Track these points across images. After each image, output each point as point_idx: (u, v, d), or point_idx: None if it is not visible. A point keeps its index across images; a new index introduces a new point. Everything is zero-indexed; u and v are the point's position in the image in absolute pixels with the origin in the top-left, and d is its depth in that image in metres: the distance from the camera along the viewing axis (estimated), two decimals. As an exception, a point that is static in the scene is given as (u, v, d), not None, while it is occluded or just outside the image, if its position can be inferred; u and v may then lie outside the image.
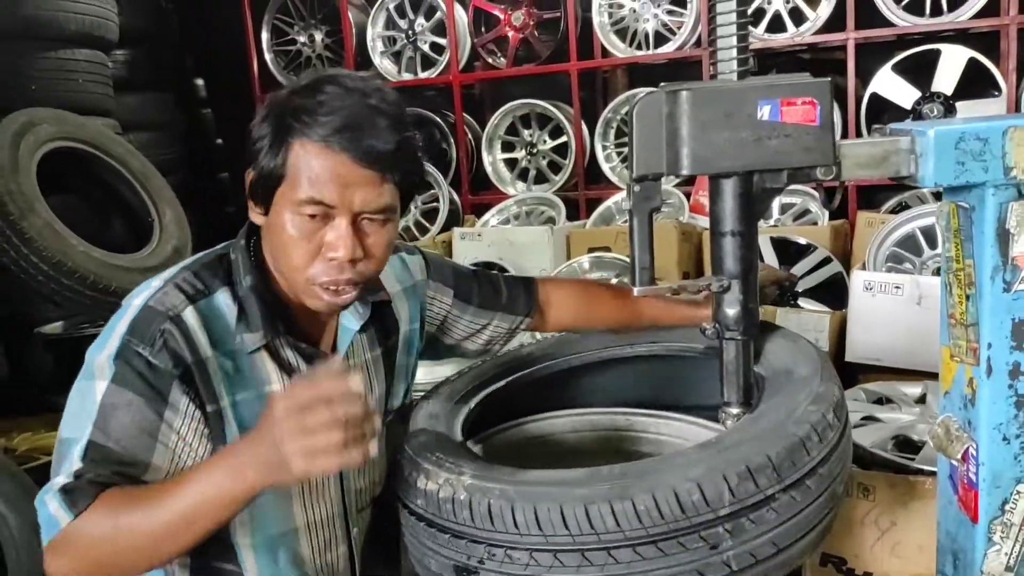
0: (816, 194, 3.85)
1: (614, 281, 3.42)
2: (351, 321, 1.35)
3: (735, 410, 1.41)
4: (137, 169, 2.91)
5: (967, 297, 1.35)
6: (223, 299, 1.25)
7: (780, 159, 1.29)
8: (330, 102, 1.16)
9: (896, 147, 1.33)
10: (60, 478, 1.12)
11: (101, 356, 1.18)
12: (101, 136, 2.87)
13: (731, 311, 1.37)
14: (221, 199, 5.39)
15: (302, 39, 5.02)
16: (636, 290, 1.36)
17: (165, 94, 4.61)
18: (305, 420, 0.98)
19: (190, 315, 1.20)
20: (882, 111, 3.73)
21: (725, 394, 1.42)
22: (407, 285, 1.49)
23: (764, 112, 1.28)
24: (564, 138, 4.48)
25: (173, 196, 3.00)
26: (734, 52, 1.33)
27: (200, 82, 5.43)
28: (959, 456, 1.38)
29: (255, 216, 1.27)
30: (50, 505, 1.11)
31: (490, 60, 4.58)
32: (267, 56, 5.02)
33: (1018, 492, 1.35)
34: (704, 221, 3.44)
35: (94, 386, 1.16)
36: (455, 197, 4.59)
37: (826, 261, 3.23)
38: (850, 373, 2.78)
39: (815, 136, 1.29)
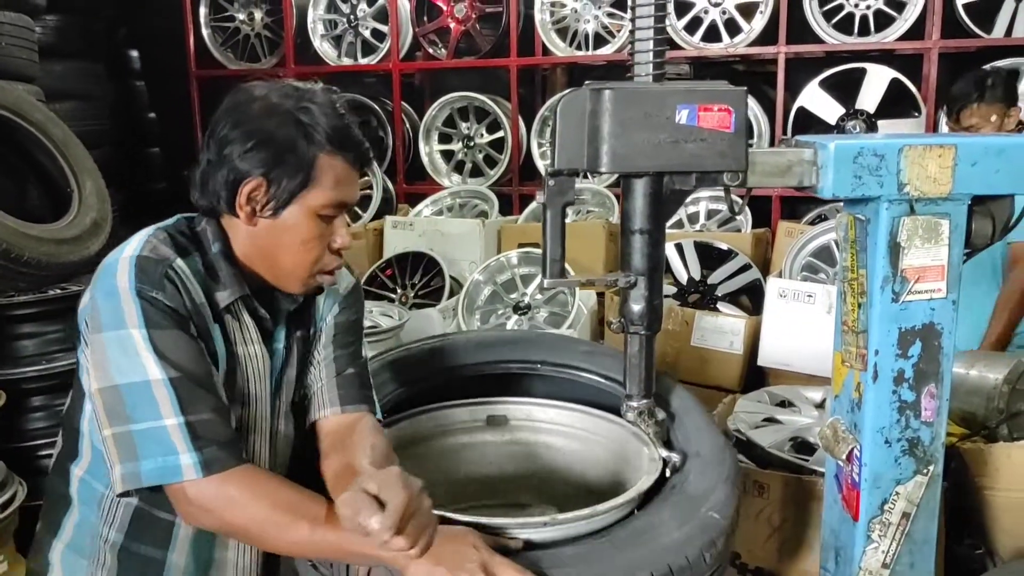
0: (740, 201, 3.95)
1: (539, 281, 3.45)
2: (287, 303, 1.43)
3: (636, 403, 1.45)
4: (58, 138, 2.83)
5: (859, 305, 1.41)
6: (197, 261, 1.33)
7: (695, 162, 1.33)
8: (329, 116, 1.30)
9: (799, 158, 1.38)
10: (170, 420, 1.19)
11: (119, 306, 1.22)
12: (21, 102, 2.78)
13: (636, 307, 1.41)
14: (151, 174, 5.27)
15: (241, 16, 4.94)
16: (547, 281, 1.39)
17: (95, 64, 4.47)
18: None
19: (181, 264, 1.29)
20: (809, 125, 3.85)
21: (627, 387, 1.46)
22: (333, 288, 1.50)
23: (682, 116, 1.32)
24: (501, 133, 4.51)
25: (95, 167, 2.92)
26: (651, 56, 1.37)
27: (134, 54, 5.30)
28: (844, 457, 1.44)
29: (246, 220, 1.31)
30: (182, 458, 1.19)
31: (431, 51, 4.57)
32: (204, 31, 4.94)
33: (896, 493, 1.42)
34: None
35: (131, 333, 1.21)
36: (389, 186, 4.58)
37: (746, 267, 3.32)
38: (761, 376, 2.87)
39: (729, 142, 1.33)
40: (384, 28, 4.59)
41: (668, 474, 1.39)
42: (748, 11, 3.90)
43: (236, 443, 1.25)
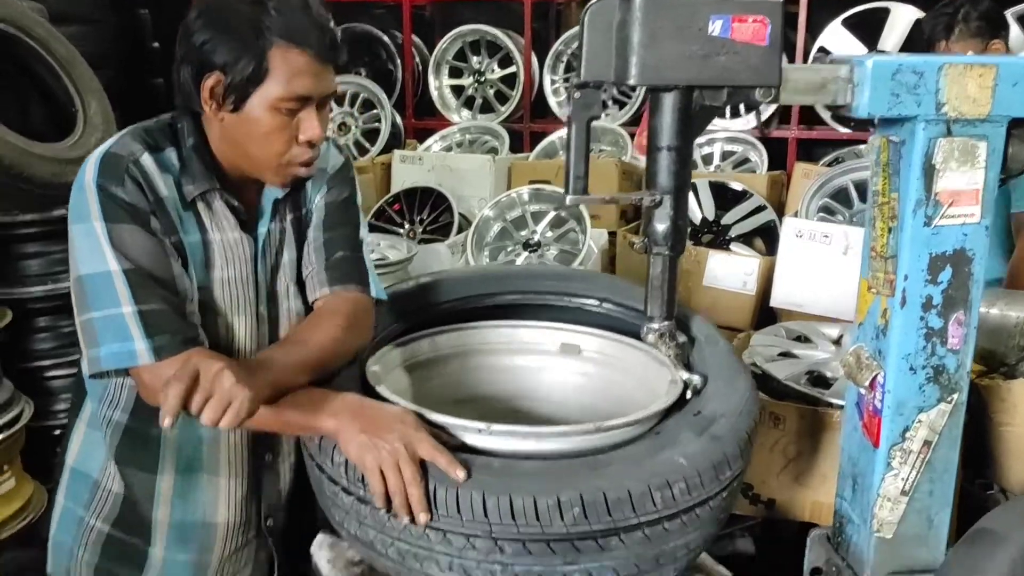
0: (756, 144, 3.89)
1: (552, 215, 3.40)
2: (274, 191, 1.47)
3: (657, 325, 1.42)
4: (62, 55, 2.76)
5: (889, 230, 1.37)
6: (171, 155, 1.39)
7: (727, 76, 1.27)
8: (286, 9, 1.32)
9: (835, 75, 1.33)
10: (126, 308, 1.27)
11: (85, 199, 1.31)
12: (24, 17, 2.71)
13: (661, 226, 1.37)
14: (153, 104, 5.19)
15: (248, -58, 4.81)
16: (569, 199, 1.35)
17: (98, -13, 4.37)
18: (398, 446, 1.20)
19: (148, 160, 1.35)
20: (829, 66, 3.77)
21: (648, 309, 1.42)
22: (320, 167, 1.52)
23: (715, 27, 1.26)
24: (513, 68, 4.42)
25: (100, 88, 2.86)
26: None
27: (138, -21, 5.18)
28: (867, 383, 1.42)
29: (213, 115, 1.36)
30: (137, 344, 1.27)
31: (443, -19, 4.47)
32: (210, -43, 4.81)
33: (919, 421, 1.40)
34: (645, 160, 3.45)
35: (94, 226, 1.29)
36: (398, 120, 4.51)
37: (761, 208, 3.27)
38: (772, 318, 2.85)
39: (763, 56, 1.27)
40: (395, -43, 4.48)
41: (688, 396, 1.37)
42: (770, -54, 3.79)
43: (188, 331, 1.33)
